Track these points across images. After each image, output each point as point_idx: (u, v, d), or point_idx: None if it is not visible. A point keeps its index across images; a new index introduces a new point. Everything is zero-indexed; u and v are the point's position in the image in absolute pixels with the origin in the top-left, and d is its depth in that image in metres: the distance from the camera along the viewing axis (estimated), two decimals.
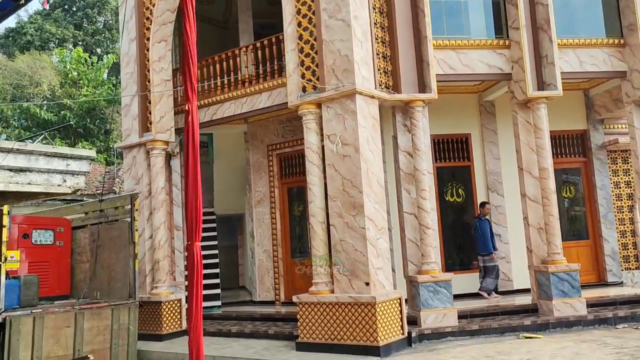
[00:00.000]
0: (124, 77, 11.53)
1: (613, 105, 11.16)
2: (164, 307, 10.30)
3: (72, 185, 6.17)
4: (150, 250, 10.69)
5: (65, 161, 6.07)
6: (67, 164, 6.09)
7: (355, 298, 7.92)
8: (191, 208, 4.91)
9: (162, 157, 10.87)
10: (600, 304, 9.36)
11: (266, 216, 12.14)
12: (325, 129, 8.56)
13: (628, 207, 11.80)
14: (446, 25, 9.79)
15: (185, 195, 5.13)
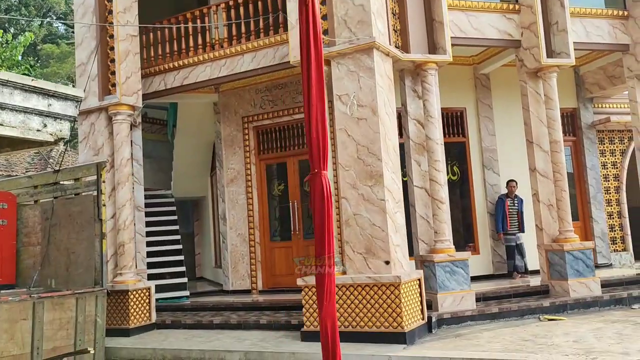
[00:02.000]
0: (79, 31, 9.90)
1: (607, 82, 10.88)
2: (131, 297, 8.86)
3: (54, 132, 4.78)
4: (112, 231, 9.20)
5: (47, 100, 4.68)
6: (49, 103, 4.70)
7: (375, 279, 6.95)
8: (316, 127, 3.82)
9: (127, 124, 9.40)
10: (608, 285, 8.93)
11: (241, 196, 10.89)
12: (336, 89, 7.52)
13: (615, 188, 11.60)
14: None
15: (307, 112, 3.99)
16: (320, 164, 3.85)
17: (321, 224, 3.85)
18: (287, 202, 10.63)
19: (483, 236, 10.39)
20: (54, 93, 4.71)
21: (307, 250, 10.32)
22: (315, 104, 3.93)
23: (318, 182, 3.88)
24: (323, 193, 3.86)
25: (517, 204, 10.20)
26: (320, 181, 3.86)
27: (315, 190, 3.90)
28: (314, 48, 3.98)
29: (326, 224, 3.82)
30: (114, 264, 9.21)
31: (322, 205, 3.84)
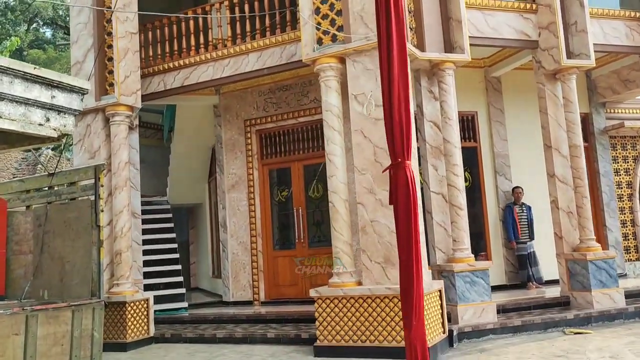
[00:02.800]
0: (75, 28, 9.40)
1: (621, 87, 10.58)
2: (128, 309, 8.32)
3: (58, 127, 4.29)
4: (109, 239, 8.68)
5: (51, 91, 4.19)
6: (53, 95, 4.21)
7: (395, 290, 6.48)
8: (399, 111, 3.38)
9: (125, 125, 8.90)
10: (629, 296, 8.55)
11: (242, 202, 10.41)
12: (351, 88, 7.11)
13: (628, 195, 11.29)
14: None
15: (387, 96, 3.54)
16: (404, 153, 3.41)
17: (406, 223, 3.40)
18: (291, 209, 10.17)
19: (495, 245, 10.00)
20: (59, 84, 4.23)
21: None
22: (397, 86, 3.50)
23: (402, 174, 3.43)
24: (408, 186, 3.41)
25: (526, 211, 9.86)
26: (404, 173, 3.40)
27: (399, 182, 3.45)
28: (396, 27, 3.55)
29: (412, 223, 3.36)
30: (110, 274, 8.68)
31: (407, 200, 3.39)
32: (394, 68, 3.53)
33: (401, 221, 3.41)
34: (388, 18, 3.61)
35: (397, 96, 3.51)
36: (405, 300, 3.40)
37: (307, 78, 9.93)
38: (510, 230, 9.65)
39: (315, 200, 9.98)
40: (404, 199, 3.40)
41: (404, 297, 3.45)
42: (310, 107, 9.91)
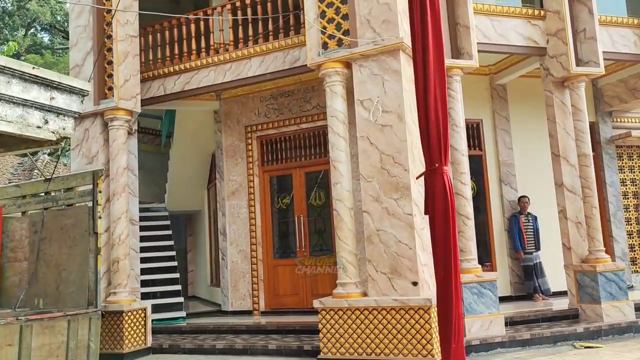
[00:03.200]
0: (74, 31, 9.22)
1: (629, 95, 10.43)
2: (125, 318, 8.09)
3: (57, 129, 4.09)
4: (106, 246, 8.46)
5: (50, 92, 4.00)
6: (52, 96, 4.02)
7: (402, 302, 6.30)
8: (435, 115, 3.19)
9: (124, 130, 8.70)
10: (637, 308, 8.35)
11: (243, 209, 10.20)
12: (358, 93, 6.93)
13: (634, 206, 11.13)
14: None
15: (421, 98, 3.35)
16: (441, 157, 3.21)
17: (444, 235, 3.19)
18: (292, 217, 9.97)
19: (500, 255, 9.81)
20: (58, 85, 4.04)
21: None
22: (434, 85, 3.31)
23: (439, 180, 3.23)
24: (446, 194, 3.20)
25: (532, 221, 9.69)
26: (441, 179, 3.20)
27: (436, 189, 3.25)
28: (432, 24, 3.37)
29: (451, 235, 3.15)
30: (107, 282, 8.46)
31: (445, 210, 3.18)
32: (429, 66, 3.35)
33: (439, 233, 3.21)
34: (423, 13, 3.43)
35: (433, 96, 3.32)
36: (445, 322, 3.17)
37: (309, 84, 9.77)
38: (516, 240, 9.47)
39: (317, 208, 9.79)
40: (441, 209, 3.20)
41: (443, 318, 3.22)
42: (312, 113, 9.74)
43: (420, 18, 3.42)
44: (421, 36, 3.42)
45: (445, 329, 3.14)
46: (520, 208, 9.68)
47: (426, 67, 3.33)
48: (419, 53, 3.38)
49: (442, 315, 3.19)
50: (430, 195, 3.26)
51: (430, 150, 3.26)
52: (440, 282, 3.16)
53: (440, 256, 3.17)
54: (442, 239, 3.17)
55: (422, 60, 3.38)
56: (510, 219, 9.69)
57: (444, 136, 3.27)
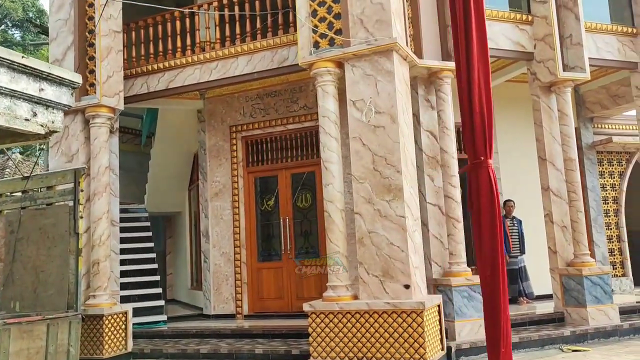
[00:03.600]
0: (54, 25, 8.93)
1: (611, 102, 10.59)
2: (105, 322, 7.83)
3: (45, 123, 3.89)
4: (86, 247, 8.18)
5: (39, 83, 3.79)
6: (41, 87, 3.81)
7: (394, 305, 6.20)
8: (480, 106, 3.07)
9: (106, 128, 8.45)
10: (622, 312, 8.43)
11: (226, 211, 10.01)
12: (350, 94, 6.83)
13: (614, 210, 11.28)
14: None
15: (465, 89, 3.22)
16: (485, 150, 3.11)
17: (490, 232, 3.08)
18: (277, 219, 9.81)
19: None
20: (48, 75, 3.83)
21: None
22: (477, 74, 3.21)
23: (484, 175, 3.14)
24: (491, 189, 3.10)
25: (517, 224, 9.73)
26: (486, 173, 3.08)
27: (481, 185, 3.17)
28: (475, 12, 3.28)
29: (497, 232, 3.04)
30: (86, 285, 8.18)
31: (491, 205, 3.08)
32: (472, 54, 3.28)
33: (484, 230, 3.11)
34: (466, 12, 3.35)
35: (477, 85, 3.25)
36: (493, 325, 3.06)
37: (296, 84, 9.65)
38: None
39: (303, 210, 9.65)
40: (487, 204, 3.11)
41: (491, 322, 3.11)
42: (299, 114, 9.62)
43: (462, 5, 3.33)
44: (463, 24, 3.33)
45: (493, 331, 3.02)
46: (505, 212, 9.70)
47: (469, 55, 3.24)
48: (461, 42, 3.30)
49: (490, 318, 3.08)
50: (474, 190, 3.17)
51: (475, 143, 3.17)
52: (487, 282, 3.06)
53: (487, 254, 3.07)
54: (488, 235, 3.07)
55: (464, 48, 3.29)
56: None
57: (489, 128, 3.19)
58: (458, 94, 3.41)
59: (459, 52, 3.36)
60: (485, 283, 3.04)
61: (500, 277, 2.95)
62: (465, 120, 3.22)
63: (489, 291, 3.03)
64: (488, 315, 3.06)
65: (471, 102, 3.25)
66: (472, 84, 3.27)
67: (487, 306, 3.05)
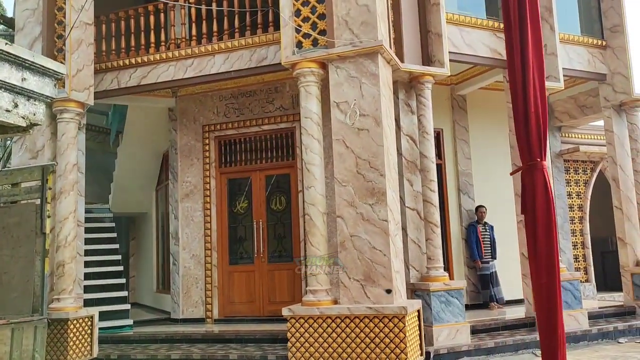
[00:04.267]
0: (21, 15, 8.51)
1: (578, 112, 10.86)
2: (70, 327, 7.48)
3: (27, 115, 3.64)
4: (50, 248, 7.77)
5: (21, 72, 3.54)
6: (23, 77, 3.56)
7: (376, 309, 6.13)
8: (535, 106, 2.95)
9: (75, 123, 8.11)
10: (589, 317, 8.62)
11: (197, 213, 9.75)
12: (334, 95, 6.74)
13: (579, 218, 11.56)
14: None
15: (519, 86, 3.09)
16: (541, 152, 3.02)
17: (547, 237, 2.99)
18: (250, 222, 9.62)
19: (457, 264, 9.88)
20: (31, 64, 3.59)
21: (271, 276, 9.35)
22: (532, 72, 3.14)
23: (539, 177, 3.05)
24: (547, 191, 3.00)
25: (489, 230, 9.85)
26: (542, 175, 2.98)
27: (537, 185, 3.07)
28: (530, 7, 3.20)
29: (554, 232, 2.95)
30: (50, 288, 7.78)
31: (548, 208, 2.99)
32: (528, 54, 3.21)
33: (540, 234, 3.05)
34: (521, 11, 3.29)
35: (532, 85, 3.17)
36: (549, 334, 2.99)
37: (273, 85, 9.51)
38: (474, 250, 9.57)
39: (277, 213, 9.50)
40: (543, 207, 3.04)
41: (546, 330, 3.04)
42: (275, 115, 9.47)
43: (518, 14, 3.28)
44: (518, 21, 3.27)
45: (550, 341, 2.95)
46: (477, 217, 9.81)
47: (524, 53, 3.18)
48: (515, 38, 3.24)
49: (545, 326, 3.01)
50: (529, 192, 3.10)
51: (530, 144, 3.09)
52: (544, 289, 2.99)
53: (543, 260, 3.01)
54: (544, 240, 3.00)
55: (519, 45, 3.24)
56: (468, 228, 9.79)
57: (544, 129, 3.13)
58: (511, 94, 3.37)
59: (512, 52, 3.32)
60: (540, 290, 2.98)
61: (558, 284, 2.88)
62: (519, 121, 3.17)
63: (546, 298, 2.97)
64: (543, 325, 3.00)
65: (526, 102, 3.20)
66: (527, 84, 3.23)
67: (542, 315, 2.99)
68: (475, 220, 9.81)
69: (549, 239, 2.97)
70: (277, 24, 7.65)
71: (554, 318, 2.94)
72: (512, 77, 3.28)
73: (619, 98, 9.50)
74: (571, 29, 9.62)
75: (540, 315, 3.06)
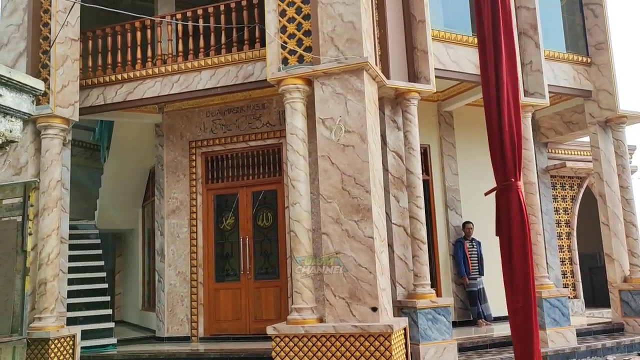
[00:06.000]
0: (5, 30, 8.45)
1: (564, 128, 10.93)
2: (52, 346, 7.33)
3: (3, 132, 3.58)
4: (32, 266, 7.64)
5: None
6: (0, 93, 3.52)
7: (362, 328, 6.06)
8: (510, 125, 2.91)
9: (59, 139, 8.03)
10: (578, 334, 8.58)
11: (183, 229, 9.66)
12: (319, 112, 6.73)
13: (566, 234, 11.58)
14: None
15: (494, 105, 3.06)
16: (515, 172, 2.99)
17: (522, 258, 2.94)
18: (237, 238, 9.53)
19: (445, 281, 9.83)
20: (7, 81, 3.54)
21: (257, 293, 9.25)
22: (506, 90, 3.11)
23: (514, 198, 3.02)
24: (522, 212, 2.97)
25: (476, 246, 9.83)
26: (516, 196, 2.95)
27: (512, 206, 3.05)
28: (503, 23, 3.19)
29: (529, 254, 2.91)
30: (31, 306, 7.64)
31: (522, 229, 2.95)
32: (502, 70, 3.19)
33: (516, 255, 3.00)
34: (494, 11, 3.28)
35: (506, 102, 3.14)
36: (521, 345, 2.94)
37: (259, 101, 9.50)
38: (461, 266, 9.53)
39: (264, 230, 9.43)
40: (518, 228, 3.00)
41: (523, 356, 2.97)
42: (262, 131, 9.44)
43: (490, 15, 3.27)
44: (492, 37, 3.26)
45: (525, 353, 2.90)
46: (465, 233, 9.79)
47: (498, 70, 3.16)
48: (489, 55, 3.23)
49: (521, 350, 2.95)
50: (504, 213, 3.07)
51: (505, 164, 3.06)
52: (520, 313, 2.93)
53: (519, 282, 2.95)
54: (520, 261, 2.96)
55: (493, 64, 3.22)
56: (456, 244, 9.76)
57: (519, 148, 3.10)
58: (485, 112, 3.34)
59: (486, 67, 3.30)
60: (516, 314, 2.92)
61: (533, 308, 2.84)
62: (494, 140, 3.14)
63: (522, 322, 2.91)
64: (520, 349, 2.94)
65: (500, 120, 3.18)
66: (501, 101, 3.21)
67: (519, 338, 2.92)
68: (463, 236, 9.79)
69: (525, 261, 2.93)
70: (263, 40, 7.65)
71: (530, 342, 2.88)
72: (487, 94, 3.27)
73: (605, 114, 9.57)
74: (556, 46, 9.72)
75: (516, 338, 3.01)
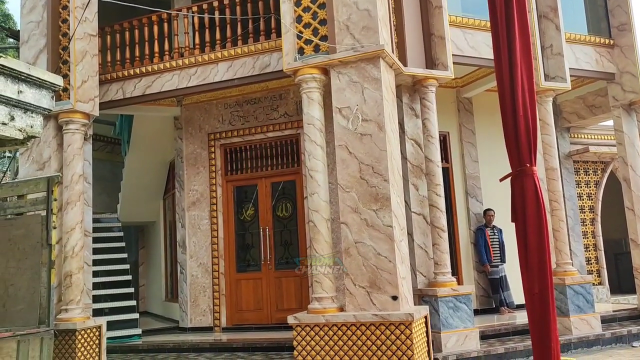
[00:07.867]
0: (26, 27, 8.58)
1: (587, 112, 10.72)
2: (78, 337, 7.47)
3: (24, 127, 3.64)
4: (57, 259, 7.79)
5: (17, 85, 3.55)
6: (19, 89, 3.56)
7: (382, 317, 6.06)
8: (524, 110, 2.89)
9: (80, 134, 8.13)
10: (602, 321, 8.46)
11: (204, 221, 9.75)
12: (336, 101, 6.70)
13: (590, 220, 11.40)
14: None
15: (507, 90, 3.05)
16: (530, 157, 2.94)
17: (538, 245, 2.91)
18: (257, 229, 9.59)
19: (467, 269, 9.76)
20: (27, 77, 3.59)
21: (278, 283, 9.31)
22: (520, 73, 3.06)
23: (529, 183, 2.96)
24: (537, 198, 2.93)
25: (497, 233, 9.73)
26: (532, 181, 2.91)
27: (527, 192, 2.99)
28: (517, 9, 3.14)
29: (546, 240, 2.87)
30: (57, 298, 7.80)
31: (539, 216, 2.91)
32: (515, 53, 3.15)
33: (531, 243, 2.96)
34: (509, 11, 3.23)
35: (520, 86, 3.10)
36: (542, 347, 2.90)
37: (277, 92, 9.50)
38: (483, 254, 9.46)
39: (283, 220, 9.47)
40: (534, 214, 2.96)
41: (539, 342, 2.94)
42: (280, 122, 9.45)
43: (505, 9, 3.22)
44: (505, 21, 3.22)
45: (543, 353, 2.86)
46: (485, 221, 9.70)
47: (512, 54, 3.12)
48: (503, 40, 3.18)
49: (538, 339, 2.91)
50: (519, 199, 3.03)
51: (520, 150, 3.02)
52: (536, 299, 2.89)
53: (535, 268, 2.92)
54: (536, 248, 2.92)
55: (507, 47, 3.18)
56: (477, 232, 9.68)
57: (534, 133, 3.05)
58: (499, 96, 3.29)
59: (499, 50, 3.24)
60: (532, 301, 2.88)
61: (550, 295, 2.80)
62: (508, 125, 3.09)
63: (539, 310, 2.87)
64: (537, 337, 2.90)
65: (514, 104, 3.12)
66: (515, 85, 3.15)
67: (536, 327, 2.88)
68: (484, 223, 9.70)
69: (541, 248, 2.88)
70: (279, 30, 7.63)
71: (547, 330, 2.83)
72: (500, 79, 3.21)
73: (628, 97, 9.36)
74: (578, 28, 9.52)
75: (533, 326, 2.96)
